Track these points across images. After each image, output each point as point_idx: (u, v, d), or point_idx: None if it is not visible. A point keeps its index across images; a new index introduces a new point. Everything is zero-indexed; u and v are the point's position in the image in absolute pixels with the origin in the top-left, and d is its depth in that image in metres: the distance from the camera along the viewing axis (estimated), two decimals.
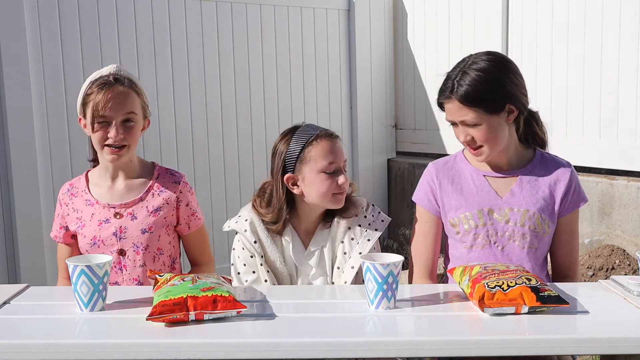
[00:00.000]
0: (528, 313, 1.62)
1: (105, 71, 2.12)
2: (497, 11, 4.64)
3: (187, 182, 2.25)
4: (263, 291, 1.89)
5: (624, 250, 3.88)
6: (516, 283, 1.64)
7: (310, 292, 2.01)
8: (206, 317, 1.57)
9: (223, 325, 1.57)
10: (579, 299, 1.74)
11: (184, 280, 1.69)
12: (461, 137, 2.04)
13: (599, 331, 1.56)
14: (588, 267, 3.86)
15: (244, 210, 2.14)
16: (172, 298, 1.57)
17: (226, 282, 1.76)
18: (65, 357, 1.47)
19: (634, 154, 3.98)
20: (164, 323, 1.56)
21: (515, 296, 1.61)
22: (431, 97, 5.15)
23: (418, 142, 5.36)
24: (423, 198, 2.16)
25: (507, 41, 4.62)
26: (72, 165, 3.91)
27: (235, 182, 4.65)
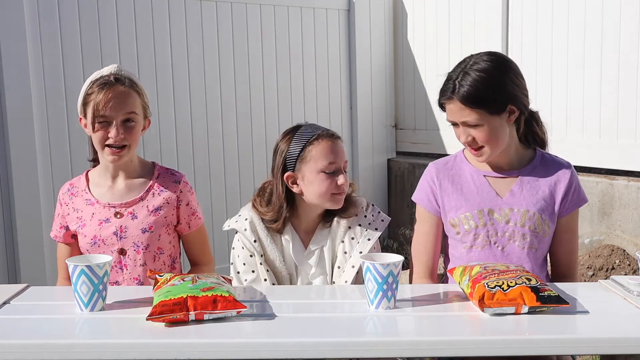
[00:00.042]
0: (528, 313, 1.61)
1: (106, 71, 2.13)
2: (497, 11, 4.64)
3: (188, 182, 2.25)
4: (263, 291, 1.89)
5: (624, 250, 3.88)
6: (516, 283, 1.64)
7: (310, 292, 2.01)
8: (206, 317, 1.57)
9: (223, 325, 1.57)
10: (579, 299, 1.74)
11: (184, 280, 1.69)
12: (462, 138, 2.04)
13: (599, 331, 1.56)
14: (588, 267, 3.86)
15: (244, 209, 2.14)
16: (172, 298, 1.57)
17: (226, 282, 1.76)
18: (65, 357, 1.47)
19: (634, 154, 3.98)
20: (164, 323, 1.56)
21: (515, 296, 1.61)
22: (431, 97, 5.15)
23: (418, 142, 5.36)
24: (423, 198, 2.16)
25: (507, 41, 4.62)
26: (72, 165, 3.91)
27: (235, 182, 4.65)
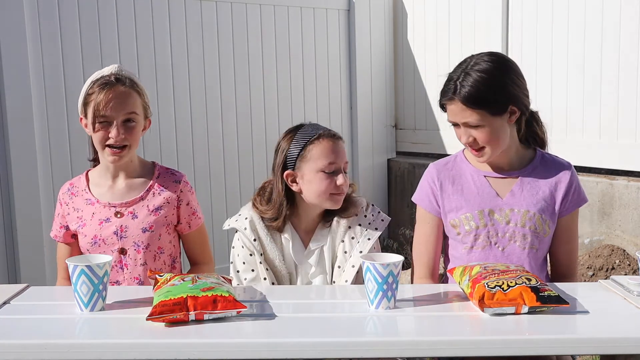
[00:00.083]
0: (528, 313, 1.61)
1: (106, 71, 2.13)
2: (497, 11, 4.63)
3: (188, 182, 2.25)
4: (263, 291, 1.89)
5: (624, 250, 3.88)
6: (516, 283, 1.64)
7: (310, 292, 2.01)
8: (206, 317, 1.57)
9: (223, 325, 1.57)
10: (579, 299, 1.74)
11: (184, 280, 1.69)
12: (463, 139, 2.04)
13: (599, 331, 1.56)
14: (588, 267, 3.86)
15: (244, 209, 2.14)
16: (172, 298, 1.57)
17: (226, 282, 1.76)
18: (65, 357, 1.47)
19: (634, 154, 3.98)
20: (164, 323, 1.56)
21: (515, 296, 1.61)
22: (431, 97, 5.15)
23: (418, 142, 5.36)
24: (424, 199, 2.16)
25: (507, 41, 4.62)
26: (72, 165, 3.91)
27: (235, 182, 4.65)
